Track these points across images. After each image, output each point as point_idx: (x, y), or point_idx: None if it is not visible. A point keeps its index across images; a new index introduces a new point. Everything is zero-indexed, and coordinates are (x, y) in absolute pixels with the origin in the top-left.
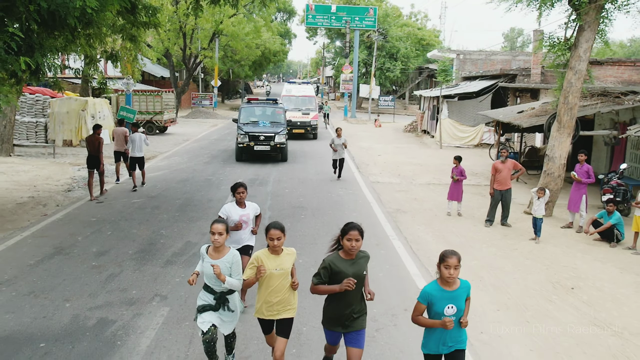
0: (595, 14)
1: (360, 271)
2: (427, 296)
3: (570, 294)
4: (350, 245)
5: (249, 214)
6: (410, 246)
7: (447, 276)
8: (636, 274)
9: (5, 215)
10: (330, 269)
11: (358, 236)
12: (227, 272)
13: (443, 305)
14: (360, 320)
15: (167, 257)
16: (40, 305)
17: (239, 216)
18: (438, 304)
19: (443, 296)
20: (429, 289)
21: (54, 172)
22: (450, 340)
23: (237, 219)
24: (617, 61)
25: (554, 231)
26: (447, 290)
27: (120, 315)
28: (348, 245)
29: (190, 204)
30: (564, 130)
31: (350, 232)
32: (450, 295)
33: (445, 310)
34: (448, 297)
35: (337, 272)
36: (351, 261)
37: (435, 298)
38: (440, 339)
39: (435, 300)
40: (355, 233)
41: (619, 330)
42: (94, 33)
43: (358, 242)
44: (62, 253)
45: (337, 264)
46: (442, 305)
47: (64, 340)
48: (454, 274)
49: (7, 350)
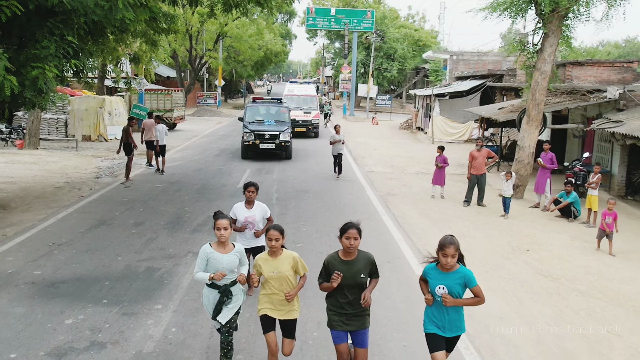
0: (558, 23)
1: (356, 273)
2: (425, 273)
3: (525, 254)
4: (349, 244)
5: (254, 215)
6: (397, 220)
7: (444, 263)
8: (584, 240)
9: (48, 196)
10: (327, 268)
11: (356, 234)
12: (237, 263)
13: (435, 284)
14: (363, 319)
15: (194, 226)
16: (98, 258)
17: (244, 217)
18: (432, 282)
19: (437, 276)
20: (427, 268)
21: (80, 163)
22: (449, 324)
23: (242, 220)
24: (597, 62)
25: (522, 210)
26: (442, 271)
27: (162, 264)
28: (346, 243)
29: (206, 188)
30: (533, 123)
31: (348, 231)
32: (443, 277)
33: (437, 290)
34: (440, 278)
35: (332, 271)
36: (350, 262)
37: (431, 277)
38: (436, 319)
39: (430, 278)
40: (354, 232)
41: (557, 277)
42: (122, 39)
43: (356, 241)
44: (105, 224)
45: (334, 264)
46: (435, 284)
47: (123, 280)
48: (451, 262)
49: (81, 287)
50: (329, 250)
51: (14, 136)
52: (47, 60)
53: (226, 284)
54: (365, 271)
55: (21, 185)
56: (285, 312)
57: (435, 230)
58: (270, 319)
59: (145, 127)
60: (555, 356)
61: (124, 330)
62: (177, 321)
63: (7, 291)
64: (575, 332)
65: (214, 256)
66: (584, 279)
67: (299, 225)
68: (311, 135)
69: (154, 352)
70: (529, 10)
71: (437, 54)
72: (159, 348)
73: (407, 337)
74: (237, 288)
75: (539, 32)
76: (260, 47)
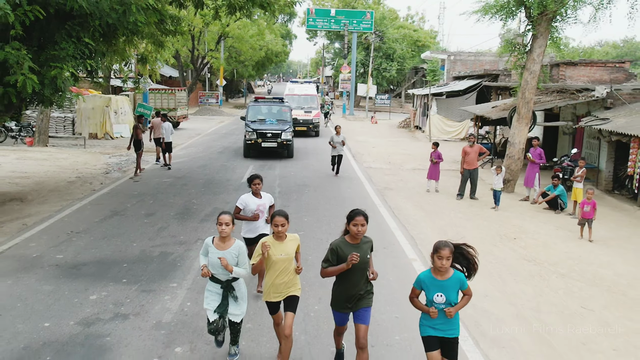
0: (546, 25)
1: (364, 255)
2: (420, 282)
3: (512, 242)
4: (357, 230)
5: (265, 203)
6: (393, 211)
7: (439, 266)
8: (569, 230)
9: (62, 190)
10: (336, 252)
11: (363, 221)
12: (233, 262)
13: (433, 293)
14: (367, 299)
15: (202, 217)
16: (114, 244)
17: (257, 205)
18: (429, 292)
19: (433, 284)
20: (422, 276)
21: (88, 159)
22: (443, 326)
23: (254, 208)
24: (590, 62)
25: (512, 203)
26: (438, 279)
27: (175, 250)
28: (354, 230)
29: (212, 182)
30: (523, 121)
31: (356, 218)
32: (440, 284)
33: (435, 298)
34: (438, 286)
35: (342, 255)
36: (356, 245)
37: (427, 285)
38: (434, 323)
39: (426, 287)
40: (361, 218)
41: (540, 262)
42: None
43: (363, 227)
44: (119, 214)
45: (342, 248)
46: (432, 293)
47: (139, 263)
48: (446, 264)
49: (101, 268)
50: (328, 238)
51: (24, 134)
52: (65, 61)
53: (228, 280)
54: (369, 251)
55: (35, 180)
56: (286, 292)
57: (429, 220)
58: (274, 303)
59: (153, 126)
60: (532, 327)
61: (143, 304)
62: (191, 297)
63: (34, 272)
64: (552, 308)
65: (212, 250)
66: (564, 263)
67: (301, 216)
68: (311, 135)
69: (172, 322)
70: (518, 13)
71: (434, 54)
72: (176, 319)
73: (399, 310)
74: (238, 284)
75: (529, 34)
76: (261, 48)
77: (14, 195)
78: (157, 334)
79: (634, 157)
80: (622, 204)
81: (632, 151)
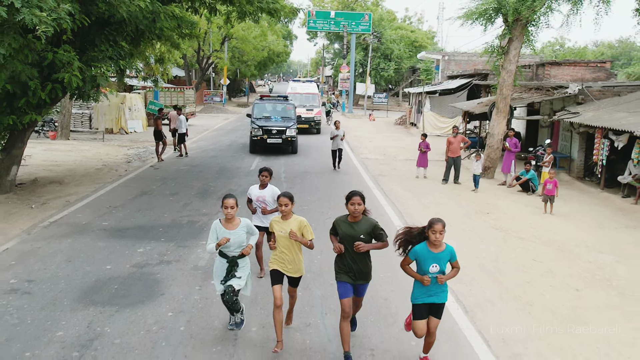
0: (521, 29)
1: (357, 233)
2: (415, 254)
3: (485, 216)
4: (354, 209)
5: (265, 195)
6: (385, 193)
7: (434, 239)
8: (536, 207)
9: (92, 175)
10: (335, 227)
11: (360, 201)
12: (245, 237)
13: (429, 264)
14: (367, 276)
15: (219, 195)
16: (148, 215)
17: (256, 196)
18: (424, 263)
19: (429, 256)
20: (417, 249)
21: (109, 151)
22: (437, 291)
23: (254, 198)
24: (573, 62)
25: (491, 187)
26: (434, 252)
27: (200, 219)
28: (352, 208)
29: (224, 169)
30: (501, 114)
31: (353, 198)
32: (435, 256)
33: (430, 269)
34: (433, 258)
35: (340, 231)
36: (355, 224)
37: (422, 257)
38: (426, 291)
39: (422, 259)
40: (357, 198)
41: (506, 230)
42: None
43: (360, 206)
44: (147, 194)
45: (341, 225)
46: (428, 264)
47: (172, 228)
48: (440, 238)
49: (142, 232)
50: (328, 211)
51: (46, 128)
52: (104, 61)
53: (234, 256)
54: (366, 233)
55: (66, 167)
56: (292, 271)
57: (415, 199)
58: (278, 274)
59: (171, 118)
60: (489, 272)
61: (181, 255)
62: None
63: (87, 234)
64: (508, 260)
65: (222, 231)
66: (526, 231)
67: (304, 195)
68: (313, 132)
69: (205, 265)
70: (496, 19)
71: (429, 54)
72: (209, 264)
73: (388, 271)
74: (243, 261)
75: (505, 37)
76: (264, 48)
77: (52, 179)
78: (196, 273)
79: (598, 146)
80: (590, 188)
81: (596, 141)
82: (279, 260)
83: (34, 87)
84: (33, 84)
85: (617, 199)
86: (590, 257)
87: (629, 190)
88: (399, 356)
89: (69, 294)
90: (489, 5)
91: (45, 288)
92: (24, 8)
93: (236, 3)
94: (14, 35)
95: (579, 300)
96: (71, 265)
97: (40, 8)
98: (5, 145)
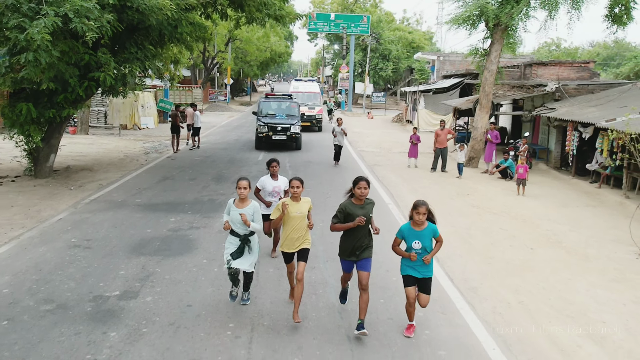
0: (501, 34)
1: (367, 213)
2: (402, 232)
3: (465, 197)
4: (360, 192)
5: (280, 185)
6: (379, 179)
7: (417, 219)
8: (511, 190)
9: (117, 164)
10: (344, 211)
11: (365, 185)
12: (250, 218)
13: (411, 240)
14: (368, 251)
15: (233, 180)
16: (174, 194)
17: (272, 187)
18: (408, 240)
19: (412, 234)
20: (403, 228)
21: (127, 144)
22: (420, 268)
23: (270, 189)
24: (559, 62)
25: (474, 174)
26: (416, 230)
27: (219, 197)
28: (359, 192)
29: (235, 159)
30: (483, 110)
31: (359, 183)
32: (417, 234)
33: (413, 245)
34: (415, 235)
35: (349, 213)
36: (360, 206)
37: (407, 235)
38: (411, 266)
39: (406, 236)
40: (364, 183)
41: (481, 207)
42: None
43: (366, 190)
44: (169, 179)
45: (349, 207)
46: (411, 241)
47: (196, 204)
48: (422, 218)
49: (170, 206)
50: (328, 192)
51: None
52: (133, 62)
53: (245, 234)
54: (371, 211)
55: (92, 158)
56: (299, 245)
57: (405, 184)
58: (289, 254)
59: (187, 114)
60: (462, 237)
61: (207, 223)
62: None
63: (124, 208)
64: (479, 229)
65: (233, 210)
66: (499, 208)
67: (307, 180)
68: (315, 129)
69: None
70: (480, 24)
71: (425, 55)
72: None
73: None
74: (254, 239)
75: (487, 41)
76: (266, 49)
77: (82, 167)
78: (221, 235)
79: (569, 138)
80: (563, 176)
81: (568, 133)
82: (289, 240)
83: (73, 84)
84: (73, 82)
85: (585, 184)
86: (549, 227)
87: (596, 176)
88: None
89: (121, 249)
90: (473, 11)
91: (102, 244)
92: (75, 18)
93: (246, 9)
94: (65, 41)
95: (531, 255)
96: (118, 230)
97: (87, 17)
98: (44, 136)
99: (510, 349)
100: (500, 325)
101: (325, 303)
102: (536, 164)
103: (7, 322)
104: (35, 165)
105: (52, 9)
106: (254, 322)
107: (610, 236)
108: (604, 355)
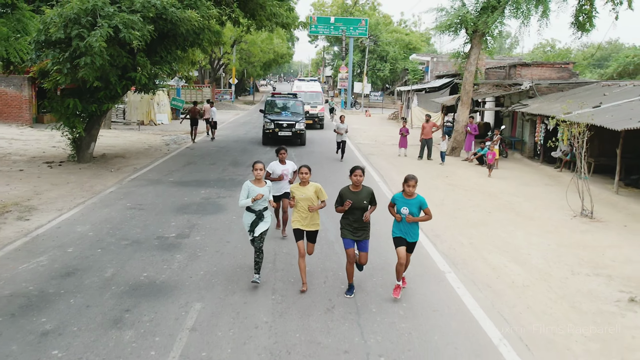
0: (479, 39)
1: (361, 199)
2: (394, 199)
3: (444, 179)
4: (356, 180)
5: (288, 169)
6: (373, 165)
7: (407, 190)
8: (484, 173)
9: (144, 152)
10: (342, 196)
11: (360, 173)
12: (268, 194)
13: (401, 206)
14: (365, 232)
15: (247, 164)
16: (199, 175)
17: (281, 170)
18: (398, 205)
19: (402, 201)
20: (396, 196)
21: (148, 138)
22: (409, 231)
23: (279, 172)
24: (540, 64)
25: (456, 162)
26: (406, 198)
27: (238, 177)
28: (354, 179)
29: (247, 149)
30: (464, 105)
31: (355, 171)
32: (406, 201)
33: (402, 210)
34: (404, 202)
35: (346, 198)
36: (357, 192)
37: (398, 201)
38: (401, 229)
39: (397, 202)
40: (359, 171)
41: (456, 185)
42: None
43: (361, 177)
44: (192, 164)
45: (346, 193)
46: (400, 206)
47: (219, 182)
48: (412, 189)
49: (199, 183)
50: (330, 178)
51: None
52: (164, 64)
53: (260, 210)
54: (367, 199)
55: (120, 148)
56: (310, 225)
57: (394, 169)
58: (300, 231)
59: (205, 110)
60: (435, 204)
61: (231, 194)
62: None
63: (161, 184)
64: (451, 200)
65: (253, 188)
66: (470, 186)
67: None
68: (317, 127)
69: None
70: (461, 31)
71: (420, 56)
72: None
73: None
74: (267, 213)
75: (467, 45)
76: (270, 50)
77: (116, 155)
78: None
79: (538, 130)
80: (534, 163)
81: (537, 127)
82: (300, 219)
83: (114, 82)
84: (114, 80)
85: (550, 170)
86: (508, 199)
87: (560, 163)
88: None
89: (168, 209)
90: (454, 20)
91: (152, 207)
92: (124, 29)
93: (257, 18)
94: (114, 47)
95: (488, 217)
96: (161, 198)
97: (133, 28)
98: (86, 127)
99: (456, 266)
100: (452, 255)
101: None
102: (512, 154)
103: (101, 250)
104: (78, 152)
105: (105, 21)
106: (277, 250)
107: (556, 205)
108: (522, 271)
